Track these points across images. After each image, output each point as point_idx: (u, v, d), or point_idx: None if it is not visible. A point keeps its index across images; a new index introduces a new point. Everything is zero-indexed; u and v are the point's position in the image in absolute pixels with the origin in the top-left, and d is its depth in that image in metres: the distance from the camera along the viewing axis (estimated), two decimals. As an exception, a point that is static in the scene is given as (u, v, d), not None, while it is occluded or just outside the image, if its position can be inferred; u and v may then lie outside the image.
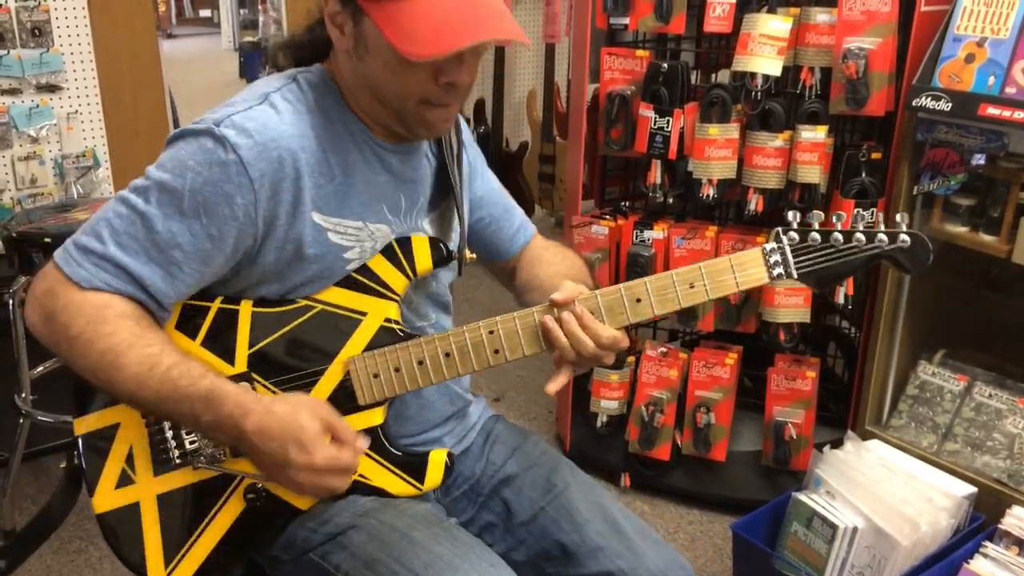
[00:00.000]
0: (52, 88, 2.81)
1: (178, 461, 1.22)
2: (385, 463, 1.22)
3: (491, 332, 1.17)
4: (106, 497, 1.24)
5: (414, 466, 1.23)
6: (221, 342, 1.20)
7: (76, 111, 2.87)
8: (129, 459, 1.23)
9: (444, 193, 1.31)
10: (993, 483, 2.05)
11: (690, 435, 2.48)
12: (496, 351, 1.18)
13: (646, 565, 1.28)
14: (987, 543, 1.88)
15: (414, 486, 1.23)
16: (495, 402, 3.16)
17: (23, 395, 2.37)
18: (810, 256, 1.18)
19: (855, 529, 1.90)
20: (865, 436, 2.20)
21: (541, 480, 1.36)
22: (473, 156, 1.42)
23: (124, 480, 1.23)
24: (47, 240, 2.16)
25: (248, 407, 1.09)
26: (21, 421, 2.39)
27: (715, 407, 2.44)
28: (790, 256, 1.17)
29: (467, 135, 1.41)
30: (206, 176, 1.11)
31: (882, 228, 1.19)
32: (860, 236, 1.18)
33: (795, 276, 1.18)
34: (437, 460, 1.23)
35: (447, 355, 1.19)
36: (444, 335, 1.19)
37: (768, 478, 2.48)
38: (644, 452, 2.52)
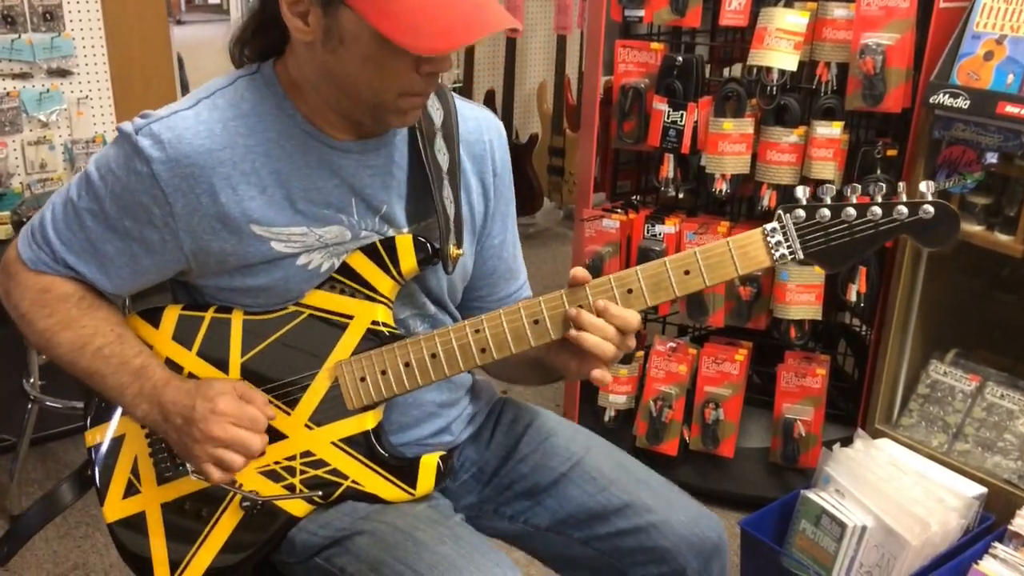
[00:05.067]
0: (63, 73, 2.80)
1: (178, 469, 1.23)
2: (376, 468, 1.20)
3: (477, 331, 1.14)
4: (115, 506, 1.25)
5: (406, 471, 1.20)
6: (216, 353, 1.20)
7: (86, 96, 2.86)
8: (134, 469, 1.25)
9: (425, 187, 1.23)
10: (1004, 484, 2.04)
11: (698, 431, 2.47)
12: (483, 350, 1.14)
13: (677, 517, 1.28)
14: (997, 544, 1.87)
15: (407, 491, 1.20)
16: (503, 394, 3.15)
17: (31, 380, 2.38)
18: (819, 234, 1.08)
19: (864, 528, 1.89)
20: (875, 435, 2.19)
21: (559, 449, 1.35)
22: (501, 191, 1.33)
23: (131, 489, 1.25)
24: (57, 225, 2.15)
25: (171, 380, 1.16)
26: (29, 406, 2.39)
27: (724, 403, 2.43)
28: (795, 235, 1.08)
29: (500, 160, 1.32)
30: (124, 182, 1.12)
31: (903, 199, 1.08)
32: (876, 209, 1.07)
33: (801, 257, 1.08)
34: (429, 464, 1.20)
35: (433, 356, 1.15)
36: (430, 335, 1.16)
37: (776, 475, 2.47)
38: (652, 447, 2.52)
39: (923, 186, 1.08)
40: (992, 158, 2.05)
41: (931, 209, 1.06)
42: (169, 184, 1.10)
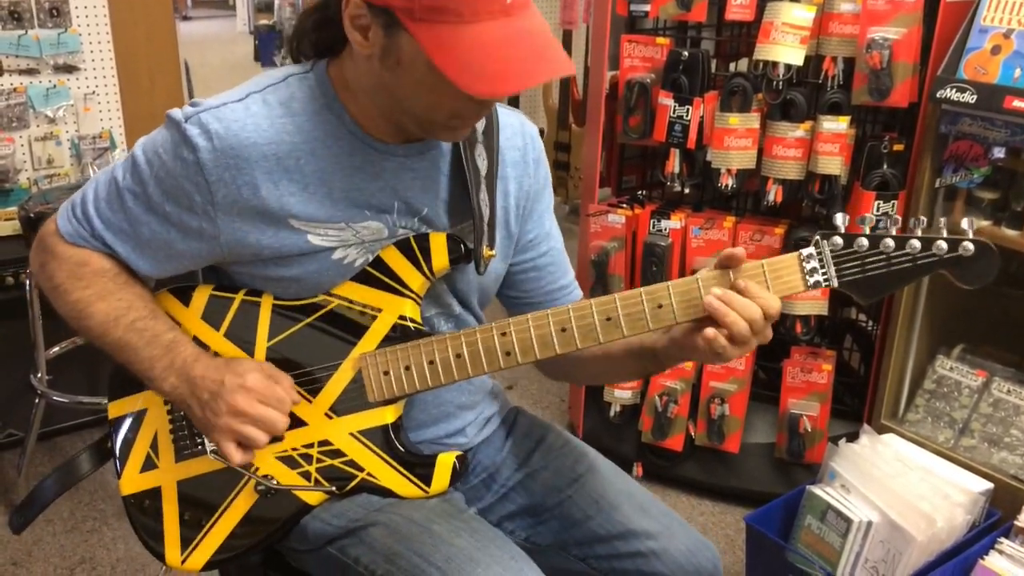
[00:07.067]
0: (69, 69, 2.80)
1: (197, 448, 1.24)
2: (392, 462, 1.20)
3: (503, 334, 1.14)
4: (131, 480, 1.26)
5: (422, 468, 1.20)
6: (243, 335, 1.22)
7: (93, 92, 2.87)
8: (154, 444, 1.26)
9: (463, 191, 1.24)
10: (1010, 479, 2.04)
11: (704, 426, 2.47)
12: (508, 354, 1.14)
13: (676, 546, 1.30)
14: (1003, 540, 1.87)
15: (421, 488, 1.20)
16: (507, 389, 3.16)
17: (39, 375, 2.39)
18: (855, 263, 1.07)
19: (869, 523, 1.89)
20: (881, 430, 2.19)
21: (566, 470, 1.37)
22: (536, 189, 1.32)
23: (148, 464, 1.26)
24: (64, 221, 2.16)
25: (201, 356, 1.18)
26: (37, 401, 2.41)
27: (729, 398, 2.43)
28: (831, 262, 1.07)
29: (534, 160, 1.31)
30: (169, 168, 1.13)
31: (944, 234, 1.06)
32: (915, 243, 1.05)
33: (835, 284, 1.07)
34: (445, 463, 1.19)
35: (458, 356, 1.16)
36: (456, 335, 1.16)
37: (781, 471, 2.47)
38: (657, 442, 2.52)
39: (964, 223, 1.06)
40: (999, 153, 2.05)
41: (971, 246, 1.05)
42: (213, 173, 1.11)
